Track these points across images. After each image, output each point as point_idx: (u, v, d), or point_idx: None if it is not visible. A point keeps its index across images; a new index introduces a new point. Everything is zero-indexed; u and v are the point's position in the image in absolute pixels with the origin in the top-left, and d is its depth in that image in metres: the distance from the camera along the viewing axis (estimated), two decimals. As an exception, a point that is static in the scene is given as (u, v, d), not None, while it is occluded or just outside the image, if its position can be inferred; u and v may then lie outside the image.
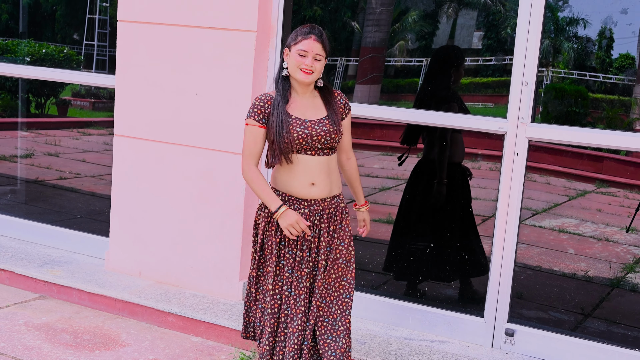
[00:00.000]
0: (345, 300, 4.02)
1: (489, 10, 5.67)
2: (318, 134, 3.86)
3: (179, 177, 5.50)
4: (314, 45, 3.81)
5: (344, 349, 3.94)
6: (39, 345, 4.80)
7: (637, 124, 5.42)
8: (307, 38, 3.81)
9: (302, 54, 3.81)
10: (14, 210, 7.00)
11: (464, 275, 5.34)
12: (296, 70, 3.85)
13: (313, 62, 3.82)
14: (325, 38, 3.86)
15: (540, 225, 6.21)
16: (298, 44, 3.82)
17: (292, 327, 3.91)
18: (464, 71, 5.52)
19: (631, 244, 5.96)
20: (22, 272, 5.79)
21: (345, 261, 4.01)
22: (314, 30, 3.84)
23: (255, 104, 3.91)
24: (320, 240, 3.94)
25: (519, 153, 4.67)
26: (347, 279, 4.03)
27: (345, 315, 4.00)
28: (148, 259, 5.72)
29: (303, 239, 3.91)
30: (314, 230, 3.94)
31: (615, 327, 5.22)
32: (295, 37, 3.86)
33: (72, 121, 8.20)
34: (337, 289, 4.02)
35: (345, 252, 4.01)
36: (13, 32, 7.53)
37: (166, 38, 5.45)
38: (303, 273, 3.92)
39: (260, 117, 3.88)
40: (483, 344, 4.91)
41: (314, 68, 3.82)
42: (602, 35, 5.33)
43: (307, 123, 3.86)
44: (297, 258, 3.93)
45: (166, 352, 4.85)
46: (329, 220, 3.97)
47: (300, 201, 3.93)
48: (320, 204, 3.95)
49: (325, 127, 3.87)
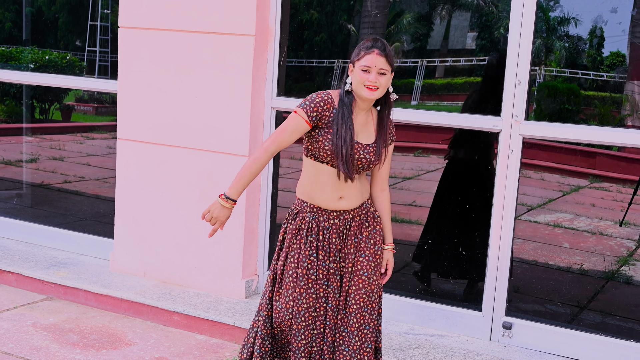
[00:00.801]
0: (369, 310, 3.79)
1: (482, 11, 5.67)
2: (360, 159, 3.66)
3: (181, 179, 5.51)
4: (377, 59, 3.56)
5: (358, 353, 3.76)
6: (46, 346, 4.80)
7: (628, 120, 5.43)
8: (369, 53, 3.56)
9: (365, 69, 3.55)
10: (21, 214, 7.00)
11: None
12: (360, 87, 3.59)
13: (377, 77, 3.56)
14: (389, 51, 3.60)
15: (536, 220, 6.22)
16: (361, 60, 3.57)
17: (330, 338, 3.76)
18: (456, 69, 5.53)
19: (624, 237, 5.97)
20: (30, 274, 5.79)
21: (378, 274, 3.82)
22: (376, 44, 3.58)
23: (315, 100, 3.64)
24: (347, 249, 3.76)
25: (514, 150, 4.68)
26: (380, 289, 3.84)
27: (371, 332, 3.80)
28: (152, 259, 5.73)
29: (335, 249, 3.73)
30: (342, 240, 3.76)
31: (610, 319, 5.23)
32: (358, 52, 3.61)
33: (75, 126, 8.20)
34: (378, 298, 3.83)
35: (374, 265, 3.79)
36: (17, 39, 7.53)
37: (166, 43, 5.46)
38: (338, 283, 3.76)
39: (313, 114, 3.61)
40: (481, 338, 4.92)
41: (378, 84, 3.56)
42: (593, 33, 5.34)
43: (356, 145, 3.66)
44: (331, 270, 3.74)
45: (171, 350, 4.85)
46: (358, 227, 3.79)
47: (330, 212, 3.75)
48: (350, 213, 3.76)
49: (369, 155, 3.68)
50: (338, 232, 3.73)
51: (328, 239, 3.73)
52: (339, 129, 3.60)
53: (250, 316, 5.08)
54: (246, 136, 5.24)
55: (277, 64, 5.31)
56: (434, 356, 4.60)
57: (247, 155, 5.23)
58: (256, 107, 5.28)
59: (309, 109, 3.61)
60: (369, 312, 3.75)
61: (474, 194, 5.30)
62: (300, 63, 5.75)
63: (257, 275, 5.56)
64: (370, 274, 3.75)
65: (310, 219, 3.74)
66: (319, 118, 3.62)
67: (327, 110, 3.63)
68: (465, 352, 4.69)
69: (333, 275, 3.73)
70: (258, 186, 5.40)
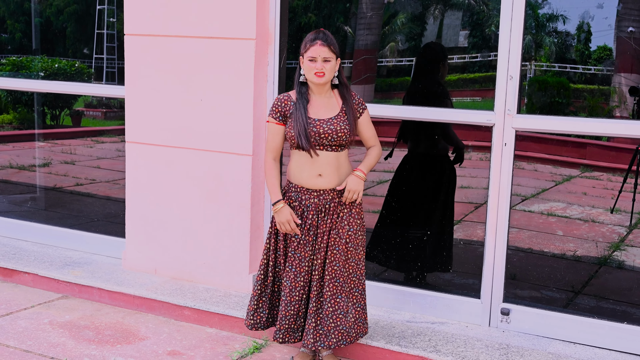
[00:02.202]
0: (354, 279, 4.22)
1: (473, 10, 5.66)
2: (325, 132, 4.05)
3: (188, 179, 5.51)
4: (321, 49, 4.00)
5: (351, 322, 4.21)
6: (63, 342, 4.81)
7: (616, 111, 5.42)
8: (313, 45, 4.02)
9: (311, 59, 4.02)
10: (35, 217, 7.00)
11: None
12: (310, 75, 4.05)
13: (323, 64, 4.02)
14: (330, 39, 4.03)
15: (530, 209, 6.21)
16: (307, 52, 4.03)
17: (291, 297, 4.17)
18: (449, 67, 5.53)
19: (616, 224, 5.96)
20: (45, 274, 5.79)
21: (354, 245, 4.18)
22: (318, 36, 4.03)
23: (274, 104, 4.19)
24: (325, 227, 4.14)
25: (507, 143, 4.68)
26: (356, 260, 4.21)
27: (356, 293, 4.24)
28: (162, 257, 5.73)
29: (310, 224, 4.13)
30: (320, 218, 4.14)
31: (604, 303, 5.23)
32: (305, 45, 4.06)
33: (85, 130, 8.19)
34: (347, 269, 4.18)
35: (354, 237, 4.17)
36: (27, 49, 7.53)
37: (170, 49, 5.45)
38: (306, 254, 4.14)
39: (277, 115, 4.16)
40: (481, 324, 4.92)
41: (325, 70, 4.02)
42: (581, 29, 5.33)
43: (316, 122, 4.06)
44: (302, 241, 4.14)
45: (183, 344, 4.86)
46: (335, 208, 4.15)
47: (311, 191, 4.16)
48: (330, 194, 4.15)
49: (333, 126, 4.07)
50: (317, 210, 4.14)
51: (306, 215, 4.15)
52: (295, 114, 4.10)
53: (258, 309, 5.08)
54: (249, 136, 5.24)
55: (277, 66, 5.31)
56: (436, 343, 4.61)
57: (250, 155, 5.24)
58: (258, 108, 5.28)
59: (272, 113, 4.19)
60: (340, 284, 4.16)
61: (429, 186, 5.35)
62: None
63: (263, 270, 5.56)
64: (344, 250, 4.15)
65: (295, 197, 4.21)
66: (283, 114, 4.16)
67: (286, 106, 4.15)
68: (466, 338, 4.70)
69: (303, 246, 4.14)
70: (262, 184, 5.41)
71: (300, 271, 4.16)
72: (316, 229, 4.15)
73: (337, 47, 4.08)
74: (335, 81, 4.15)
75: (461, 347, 4.56)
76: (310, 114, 4.10)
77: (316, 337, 4.17)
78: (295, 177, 4.20)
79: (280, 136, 4.20)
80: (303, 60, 4.08)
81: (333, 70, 4.08)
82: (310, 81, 4.10)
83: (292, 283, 4.17)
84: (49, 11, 7.46)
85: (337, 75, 4.15)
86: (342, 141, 4.10)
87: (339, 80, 4.18)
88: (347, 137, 4.11)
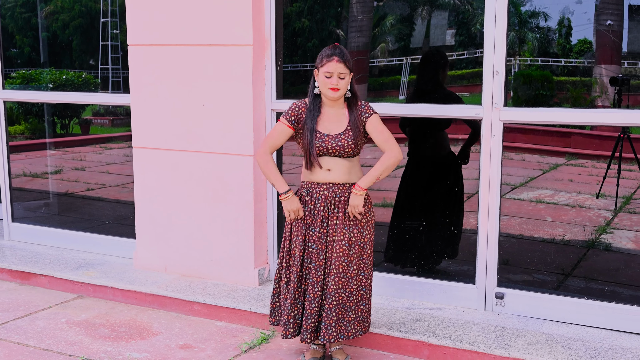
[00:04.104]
0: (361, 278, 4.17)
1: (458, 10, 5.65)
2: (333, 148, 4.03)
3: (193, 180, 5.51)
4: (337, 66, 3.94)
5: (353, 317, 4.16)
6: (80, 340, 4.81)
7: (598, 101, 5.42)
8: (330, 60, 3.95)
9: (327, 75, 3.96)
10: (49, 221, 7.00)
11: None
12: (325, 89, 3.99)
13: (338, 80, 3.96)
14: (346, 56, 3.97)
15: (519, 197, 6.21)
16: (324, 67, 3.96)
17: (314, 293, 4.09)
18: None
19: (602, 208, 5.96)
20: (60, 276, 5.79)
21: (361, 244, 4.13)
22: (335, 52, 3.96)
23: (292, 107, 4.12)
24: (336, 220, 4.09)
25: (495, 135, 4.67)
26: (364, 259, 4.16)
27: (362, 290, 4.19)
28: (172, 255, 5.73)
29: (322, 216, 4.08)
30: (330, 210, 4.09)
31: (593, 284, 5.22)
32: (321, 59, 3.99)
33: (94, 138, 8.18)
34: (357, 267, 4.14)
35: (363, 235, 4.14)
36: (35, 62, 7.53)
37: (172, 57, 5.45)
38: (322, 247, 4.08)
39: (292, 119, 4.09)
40: (476, 308, 4.92)
41: (339, 86, 3.97)
42: (562, 24, 5.32)
43: (325, 137, 4.02)
44: (317, 234, 4.08)
45: (194, 337, 4.86)
46: (346, 203, 4.09)
47: (320, 184, 4.11)
48: (339, 187, 4.09)
49: (340, 142, 4.03)
50: (326, 201, 4.08)
51: (317, 206, 4.11)
52: (305, 126, 4.07)
53: (264, 302, 5.08)
54: (250, 137, 5.24)
55: (274, 70, 5.31)
56: (435, 327, 4.61)
57: (251, 155, 5.24)
58: (258, 110, 5.28)
59: (288, 115, 4.11)
60: (347, 278, 4.09)
61: (437, 181, 5.35)
62: (295, 68, 5.73)
63: (268, 264, 5.56)
64: (350, 245, 4.08)
65: (305, 192, 4.16)
66: (298, 120, 4.09)
67: (302, 112, 4.10)
68: (463, 322, 4.70)
69: (319, 239, 4.07)
70: (264, 182, 5.40)
71: (320, 265, 4.09)
72: (327, 220, 4.10)
73: (351, 63, 4.03)
74: (347, 94, 4.09)
75: (459, 330, 4.56)
76: (319, 127, 4.06)
77: (339, 330, 4.12)
78: (307, 176, 4.17)
79: (284, 137, 4.14)
80: (318, 73, 4.02)
81: (347, 85, 4.03)
82: (325, 95, 4.04)
83: (314, 278, 4.10)
84: (55, 25, 7.44)
85: (349, 89, 4.09)
86: (349, 155, 4.08)
87: (351, 92, 4.11)
88: (354, 151, 4.07)
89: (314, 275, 4.09)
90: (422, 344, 4.50)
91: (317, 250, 4.08)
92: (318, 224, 4.09)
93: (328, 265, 4.10)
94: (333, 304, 4.08)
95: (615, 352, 4.23)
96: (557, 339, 4.42)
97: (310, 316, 4.10)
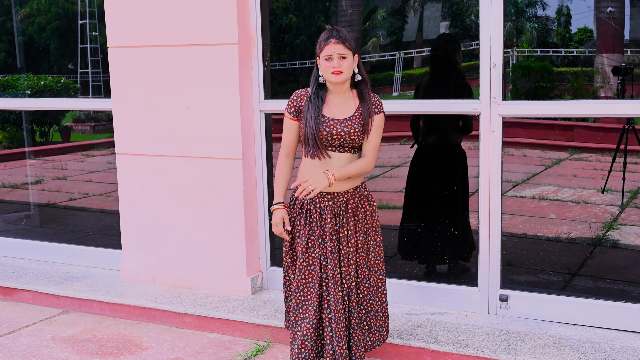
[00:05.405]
0: (374, 291, 4.13)
1: (452, 1, 5.64)
2: (338, 133, 3.87)
3: (180, 186, 5.48)
4: (336, 47, 3.82)
5: (365, 329, 4.11)
6: (67, 357, 4.77)
7: (601, 91, 5.41)
8: (328, 43, 3.84)
9: (327, 58, 3.84)
10: (31, 234, 6.97)
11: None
12: (328, 74, 3.86)
13: (340, 62, 3.83)
14: (345, 36, 3.86)
15: (522, 195, 6.21)
16: (323, 51, 3.85)
17: (337, 312, 3.92)
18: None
19: (607, 203, 5.96)
20: (44, 290, 5.76)
21: (375, 255, 4.11)
22: (332, 34, 3.86)
23: (291, 97, 4.00)
24: (347, 230, 3.98)
25: (494, 130, 4.65)
26: (379, 269, 4.13)
27: (377, 304, 4.14)
28: (160, 265, 5.70)
29: (330, 228, 3.93)
30: (339, 221, 3.97)
31: (601, 283, 5.22)
32: (319, 45, 3.89)
33: (75, 145, 8.17)
34: (372, 278, 4.11)
35: (376, 244, 4.11)
36: (12, 68, 7.50)
37: (154, 59, 5.42)
38: (336, 261, 3.95)
39: (292, 110, 3.98)
40: (480, 312, 4.90)
41: (342, 68, 3.83)
42: (560, 12, 5.32)
43: (330, 121, 3.88)
44: (329, 248, 3.93)
45: (186, 351, 4.83)
46: (354, 211, 4.00)
47: (324, 194, 3.94)
48: (344, 196, 3.97)
49: (347, 128, 3.88)
50: (333, 213, 3.94)
51: (324, 218, 3.92)
52: (307, 112, 3.91)
53: (258, 311, 5.06)
54: (238, 140, 5.21)
55: (261, 69, 5.28)
56: (437, 333, 4.58)
57: (240, 159, 5.22)
58: (245, 112, 5.25)
59: (288, 108, 3.99)
60: (372, 284, 4.08)
61: (445, 177, 5.32)
62: (283, 66, 5.72)
63: (260, 272, 5.53)
64: (369, 251, 4.05)
65: (309, 201, 3.95)
66: (298, 110, 3.96)
67: (302, 101, 3.96)
68: (466, 327, 4.68)
69: (331, 252, 3.92)
70: (254, 187, 5.38)
71: (336, 280, 3.92)
72: (338, 233, 3.96)
73: (352, 44, 3.89)
74: (357, 77, 3.95)
75: (462, 335, 4.54)
76: (325, 112, 3.90)
77: (373, 338, 4.13)
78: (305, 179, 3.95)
79: (294, 132, 4.00)
80: (320, 61, 3.89)
81: (351, 67, 3.88)
82: (329, 81, 3.89)
83: (334, 296, 3.91)
84: (31, 29, 7.42)
85: (357, 72, 3.95)
86: (355, 143, 3.91)
87: (361, 76, 3.97)
88: (361, 139, 3.91)
89: (333, 292, 3.92)
90: (423, 351, 4.48)
91: (332, 265, 3.92)
92: (328, 237, 3.92)
93: (350, 276, 4.00)
94: (362, 313, 4.09)
95: (626, 354, 4.21)
96: (565, 342, 4.40)
97: (341, 338, 3.92)
